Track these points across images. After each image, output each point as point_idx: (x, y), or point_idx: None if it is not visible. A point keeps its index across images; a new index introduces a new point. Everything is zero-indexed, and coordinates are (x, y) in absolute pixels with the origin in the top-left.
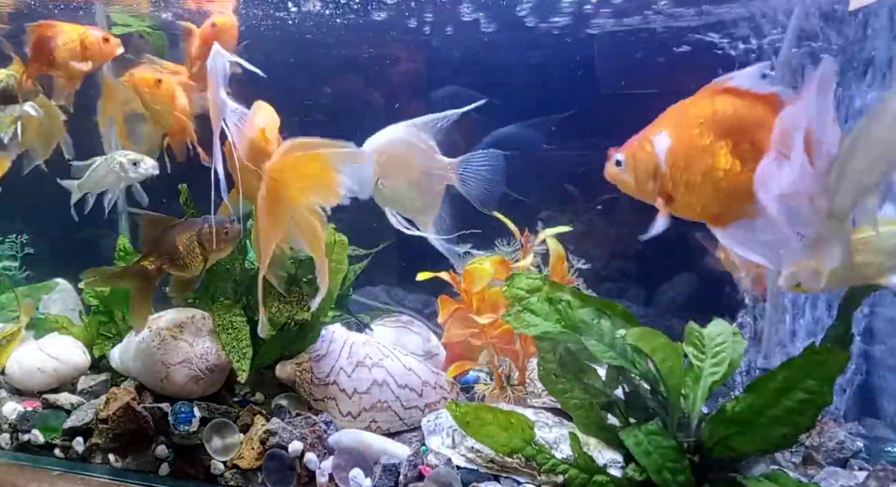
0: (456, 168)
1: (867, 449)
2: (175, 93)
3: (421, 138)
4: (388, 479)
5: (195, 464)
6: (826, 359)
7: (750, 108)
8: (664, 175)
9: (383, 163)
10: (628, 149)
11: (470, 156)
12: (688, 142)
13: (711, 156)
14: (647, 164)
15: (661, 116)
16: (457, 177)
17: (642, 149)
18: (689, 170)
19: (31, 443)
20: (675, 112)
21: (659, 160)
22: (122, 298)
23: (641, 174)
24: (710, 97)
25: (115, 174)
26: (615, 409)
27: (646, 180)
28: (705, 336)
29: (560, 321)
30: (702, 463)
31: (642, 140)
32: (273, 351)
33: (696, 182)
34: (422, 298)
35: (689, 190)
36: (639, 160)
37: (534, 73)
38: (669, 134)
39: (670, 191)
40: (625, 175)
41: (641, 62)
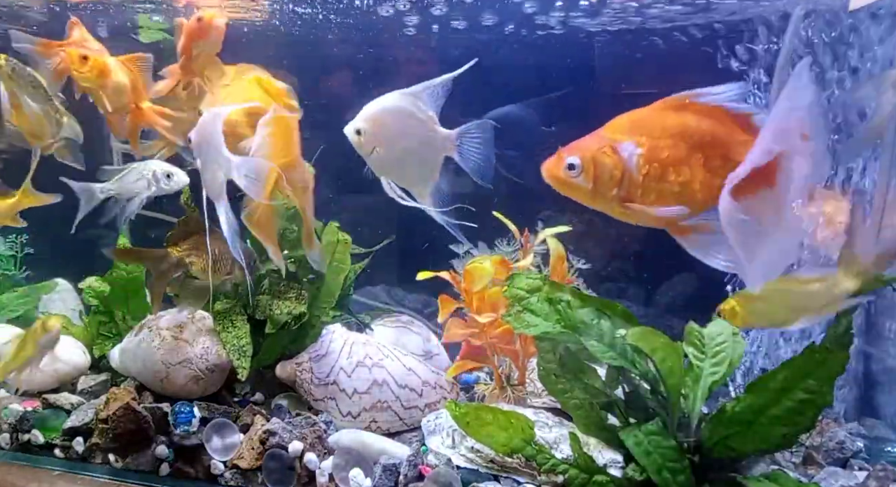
0: (454, 139)
1: (867, 449)
2: (106, 70)
3: (419, 108)
4: (388, 479)
5: (195, 464)
6: (826, 359)
7: (722, 124)
8: (634, 182)
9: (378, 131)
10: (585, 154)
11: (468, 127)
12: (664, 152)
13: (689, 167)
14: (612, 171)
15: (614, 124)
16: (455, 149)
17: (605, 155)
18: (664, 180)
19: (31, 443)
20: (637, 122)
21: (628, 167)
22: (122, 298)
23: (604, 179)
24: (677, 110)
25: (146, 182)
26: (615, 409)
27: (609, 187)
28: (705, 336)
29: (560, 321)
30: (702, 463)
31: (602, 146)
32: (273, 350)
33: (670, 191)
34: (422, 298)
35: (660, 199)
36: (602, 166)
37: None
38: (638, 143)
39: (638, 199)
40: (579, 179)
41: (644, 62)
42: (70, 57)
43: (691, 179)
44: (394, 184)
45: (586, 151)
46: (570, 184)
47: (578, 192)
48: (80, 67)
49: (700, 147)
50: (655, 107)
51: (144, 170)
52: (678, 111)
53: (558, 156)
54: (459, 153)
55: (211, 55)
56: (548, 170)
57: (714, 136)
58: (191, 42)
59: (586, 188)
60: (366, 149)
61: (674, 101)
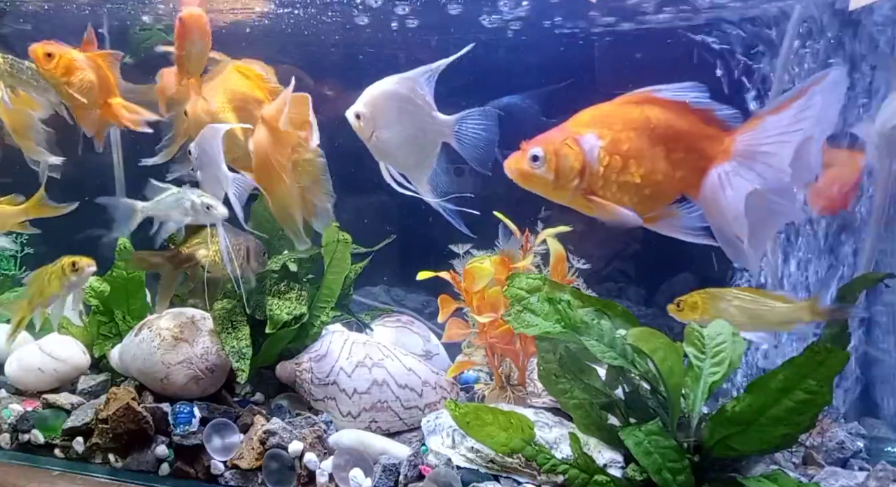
0: (452, 125)
1: (867, 449)
2: (73, 67)
3: (417, 92)
4: (388, 479)
5: (195, 464)
6: (826, 359)
7: (684, 118)
8: (595, 174)
9: (377, 115)
10: (548, 146)
11: (468, 113)
12: (625, 144)
13: (650, 160)
14: (573, 163)
15: (578, 118)
16: (453, 135)
17: (567, 147)
18: (625, 172)
19: (31, 443)
20: (599, 115)
21: (589, 160)
22: (122, 298)
23: (566, 171)
24: (637, 105)
25: (184, 209)
26: (615, 409)
27: (570, 179)
28: (705, 336)
29: (560, 321)
30: (702, 463)
31: (565, 139)
32: (273, 350)
33: (632, 184)
34: (422, 298)
35: (621, 190)
36: (564, 158)
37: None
38: (599, 135)
39: (598, 190)
40: (542, 171)
41: (643, 62)
42: (35, 54)
43: (652, 171)
44: (392, 169)
45: (549, 144)
46: (533, 177)
47: (541, 185)
48: (46, 64)
49: (662, 140)
50: (618, 101)
51: (185, 198)
52: (640, 105)
53: (522, 149)
54: (457, 139)
55: (202, 53)
56: (511, 163)
57: (676, 130)
58: (182, 43)
59: (548, 180)
60: (365, 132)
61: (636, 96)
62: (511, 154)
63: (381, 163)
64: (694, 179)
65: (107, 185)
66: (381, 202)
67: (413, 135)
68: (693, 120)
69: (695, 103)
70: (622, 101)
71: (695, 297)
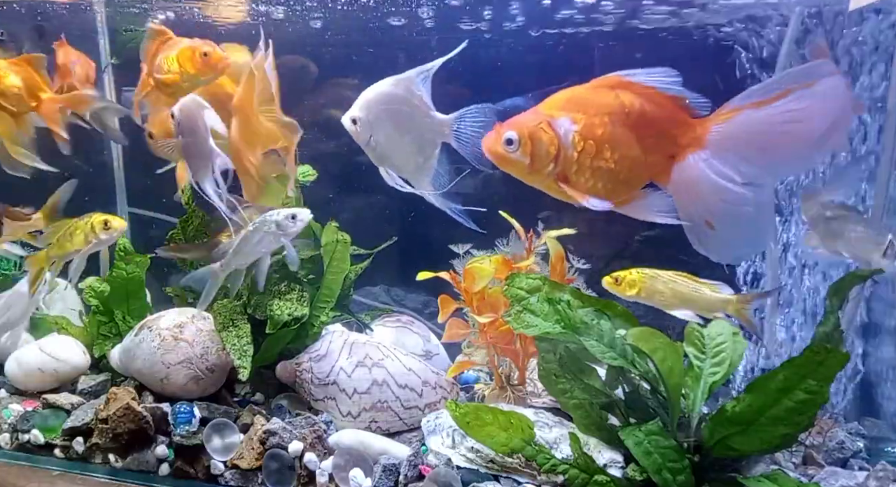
0: (451, 125)
1: (867, 449)
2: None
3: (413, 93)
4: (388, 479)
5: (195, 464)
6: (826, 359)
7: (655, 104)
8: (569, 159)
9: (374, 119)
10: (522, 129)
11: (464, 111)
12: (599, 129)
13: (624, 145)
14: (548, 147)
15: (551, 101)
16: (452, 135)
17: (541, 131)
18: (599, 157)
19: (31, 443)
20: (573, 99)
21: (563, 143)
22: (122, 298)
23: (541, 156)
24: (611, 89)
25: (272, 237)
26: (615, 409)
27: (545, 163)
28: (705, 336)
29: (560, 321)
30: (702, 463)
31: (539, 122)
32: (273, 350)
33: (605, 169)
34: (422, 298)
35: (594, 175)
36: (539, 142)
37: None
38: (573, 119)
39: (571, 176)
40: (517, 155)
41: (642, 62)
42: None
43: (625, 157)
44: (393, 172)
45: (523, 127)
46: (509, 160)
47: (516, 168)
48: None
49: (635, 125)
50: (591, 85)
51: (266, 225)
52: (613, 89)
53: (496, 131)
54: (456, 138)
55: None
56: (487, 145)
57: (648, 116)
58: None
59: (523, 163)
60: (362, 137)
61: (608, 80)
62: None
63: (381, 168)
64: (664, 165)
65: (107, 186)
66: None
67: (411, 136)
68: (665, 105)
69: (666, 89)
70: (595, 85)
71: (633, 274)
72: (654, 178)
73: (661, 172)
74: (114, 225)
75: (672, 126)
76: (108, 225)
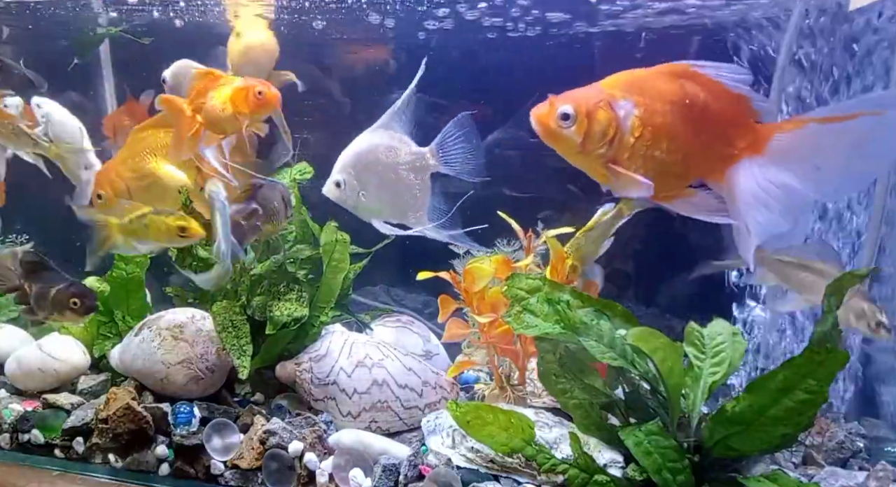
0: (435, 152)
1: (867, 449)
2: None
3: (392, 136)
4: (388, 479)
5: (195, 464)
6: (826, 359)
7: (720, 102)
8: (624, 143)
9: (360, 176)
10: (581, 105)
11: (443, 135)
12: (660, 117)
13: (681, 138)
14: (605, 128)
15: (613, 80)
16: (439, 162)
17: (601, 110)
18: (655, 146)
19: (31, 443)
20: (637, 82)
21: (622, 126)
22: (122, 298)
23: (596, 135)
24: (676, 77)
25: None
26: (615, 409)
27: (597, 144)
28: (705, 336)
29: (559, 322)
30: (702, 463)
31: (599, 100)
32: (273, 350)
33: (658, 159)
34: (422, 298)
35: (646, 164)
36: (596, 121)
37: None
38: (636, 103)
39: (624, 160)
40: (570, 131)
41: (640, 62)
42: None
43: (680, 150)
44: (384, 222)
45: (582, 103)
46: (559, 136)
47: (565, 145)
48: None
49: (695, 119)
50: (656, 70)
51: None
52: (679, 78)
53: (550, 103)
54: (445, 164)
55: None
56: (538, 117)
57: (711, 111)
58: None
59: (574, 142)
60: (350, 199)
61: (675, 67)
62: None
63: (374, 221)
64: (718, 165)
65: None
66: None
67: (402, 179)
68: (729, 103)
69: (733, 87)
70: (661, 71)
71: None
72: (706, 177)
73: (712, 172)
74: (189, 233)
75: (733, 126)
76: (185, 232)
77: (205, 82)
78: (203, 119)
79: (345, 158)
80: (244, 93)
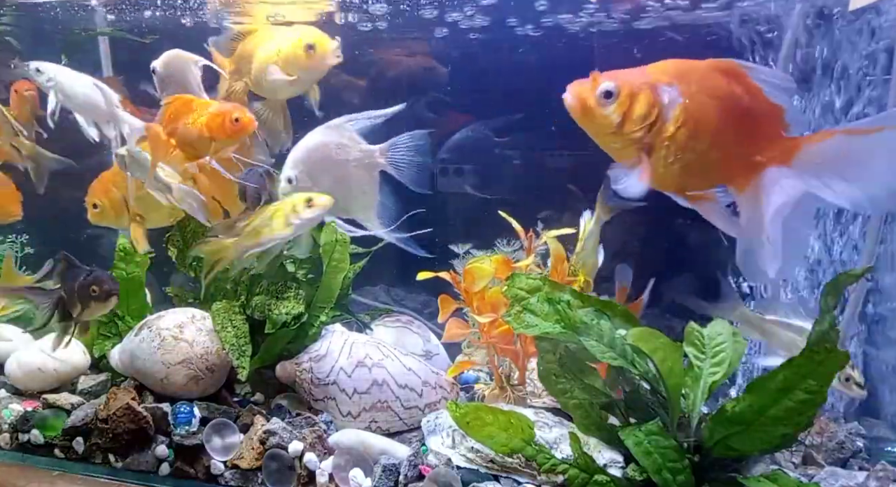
0: (385, 152)
1: (867, 449)
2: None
3: (342, 134)
4: (388, 479)
5: (195, 464)
6: (826, 359)
7: (758, 107)
8: (662, 131)
9: (310, 171)
10: (624, 84)
11: (396, 139)
12: (703, 109)
13: (717, 136)
14: (647, 111)
15: (662, 67)
16: (387, 162)
17: (646, 92)
18: (692, 139)
19: (31, 443)
20: (686, 72)
21: (664, 113)
22: (122, 298)
23: (636, 118)
24: (722, 74)
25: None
26: (615, 409)
27: (635, 128)
28: (705, 336)
29: (559, 321)
30: (702, 463)
31: (647, 82)
32: (273, 350)
33: (692, 153)
34: (422, 298)
35: (678, 157)
36: (639, 102)
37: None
38: (682, 92)
39: (657, 148)
40: (609, 110)
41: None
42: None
43: (715, 148)
44: (340, 220)
45: (626, 83)
46: (596, 113)
47: (600, 124)
48: None
49: (733, 120)
50: (705, 63)
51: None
52: (727, 75)
53: (593, 78)
54: (392, 164)
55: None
56: (577, 93)
57: (748, 115)
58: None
59: (611, 122)
60: None
61: (723, 64)
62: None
63: (328, 219)
64: (743, 171)
65: None
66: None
67: (349, 175)
68: (766, 110)
69: (772, 94)
70: (710, 66)
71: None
72: (728, 182)
73: (736, 177)
74: (319, 202)
75: (765, 133)
76: (311, 202)
77: (177, 106)
78: (178, 143)
79: (295, 155)
80: (220, 119)
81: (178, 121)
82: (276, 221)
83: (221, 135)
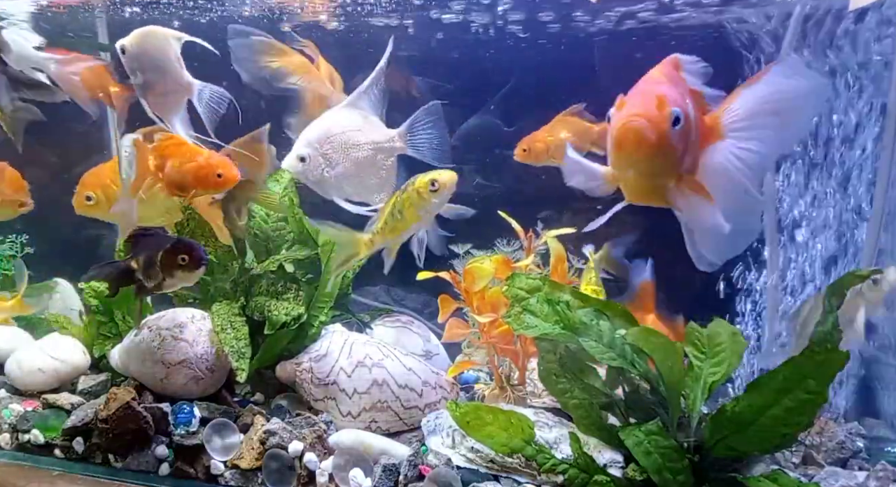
0: (404, 135)
1: (867, 449)
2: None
3: (361, 115)
4: (388, 479)
5: (195, 464)
6: (826, 359)
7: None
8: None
9: (326, 152)
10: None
11: (415, 117)
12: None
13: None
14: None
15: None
16: (406, 145)
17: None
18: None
19: (31, 443)
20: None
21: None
22: (122, 298)
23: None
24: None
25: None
26: (615, 409)
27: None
28: (705, 336)
29: (559, 322)
30: (702, 463)
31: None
32: (272, 351)
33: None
34: (422, 298)
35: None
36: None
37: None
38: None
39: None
40: (676, 137)
41: (640, 62)
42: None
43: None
44: (348, 200)
45: (681, 104)
46: (668, 141)
47: (661, 152)
48: None
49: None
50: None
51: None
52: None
53: (660, 102)
54: (412, 147)
55: None
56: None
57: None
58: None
59: (675, 149)
60: (313, 175)
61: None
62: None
63: (336, 199)
64: (693, 160)
65: None
66: None
67: (368, 158)
68: (697, 100)
69: (693, 83)
70: (669, 68)
71: None
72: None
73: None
74: (442, 181)
75: (699, 120)
76: (436, 183)
77: (169, 145)
78: (163, 178)
79: (311, 133)
80: (205, 172)
81: (168, 159)
82: (407, 212)
83: (202, 186)
